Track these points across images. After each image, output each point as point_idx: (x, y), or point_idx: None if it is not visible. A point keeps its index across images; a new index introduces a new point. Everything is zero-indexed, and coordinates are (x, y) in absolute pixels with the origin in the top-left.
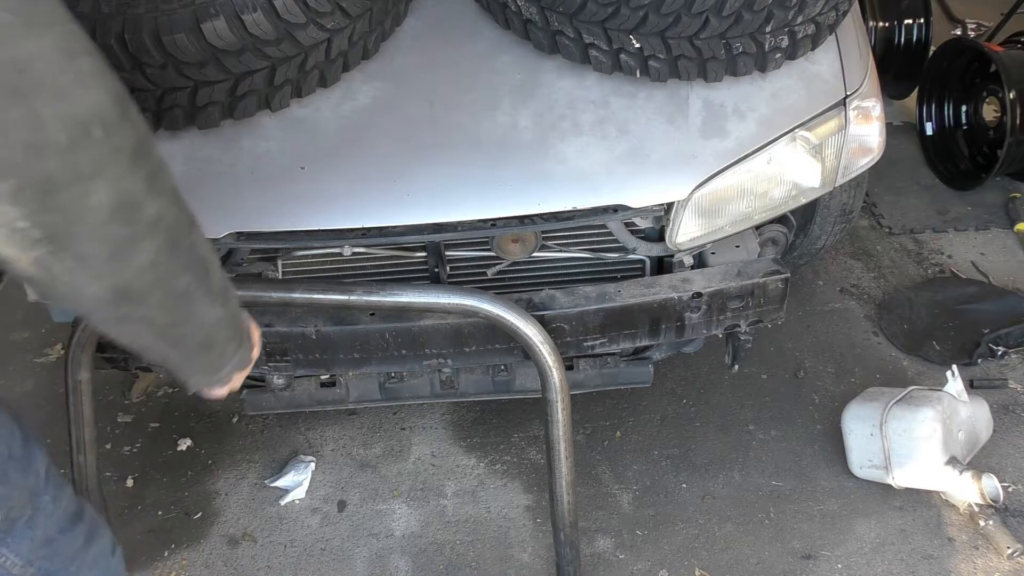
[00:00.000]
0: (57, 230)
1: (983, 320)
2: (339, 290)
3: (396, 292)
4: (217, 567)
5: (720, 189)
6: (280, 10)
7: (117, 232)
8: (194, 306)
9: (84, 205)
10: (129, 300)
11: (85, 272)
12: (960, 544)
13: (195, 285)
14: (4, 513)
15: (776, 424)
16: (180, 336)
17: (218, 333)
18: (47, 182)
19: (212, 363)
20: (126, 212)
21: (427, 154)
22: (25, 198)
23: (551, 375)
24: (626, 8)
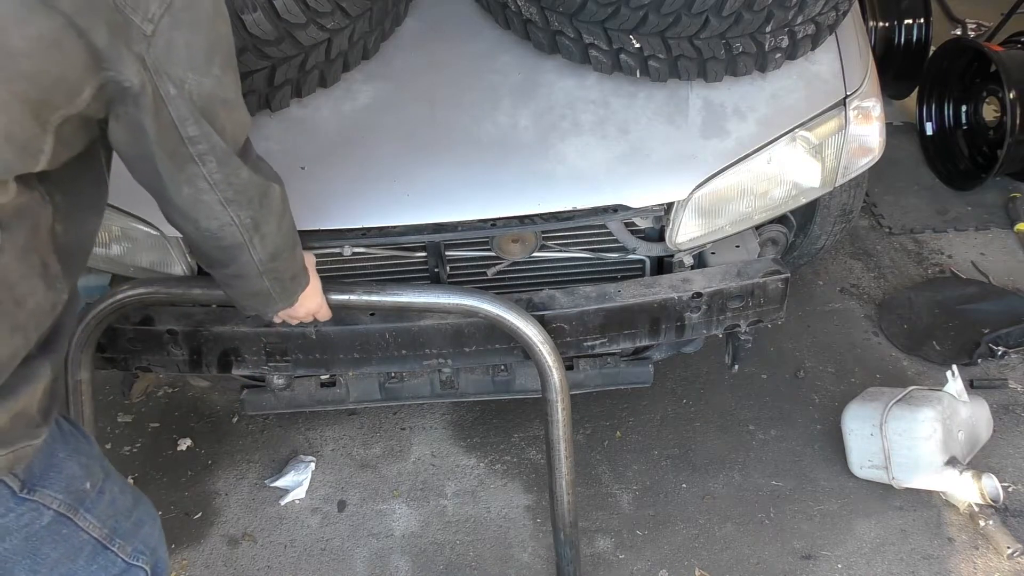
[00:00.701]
0: (260, 219)
1: (983, 320)
2: (339, 290)
3: (396, 292)
4: (217, 567)
5: (720, 189)
6: (280, 10)
7: (280, 209)
8: (296, 250)
9: (274, 196)
10: (275, 259)
11: (263, 242)
12: (960, 544)
13: (295, 232)
14: (91, 481)
15: (776, 424)
16: (283, 274)
17: (298, 264)
18: (267, 188)
19: (294, 289)
20: (283, 195)
21: (427, 154)
22: (255, 203)
23: (551, 375)
24: (626, 8)
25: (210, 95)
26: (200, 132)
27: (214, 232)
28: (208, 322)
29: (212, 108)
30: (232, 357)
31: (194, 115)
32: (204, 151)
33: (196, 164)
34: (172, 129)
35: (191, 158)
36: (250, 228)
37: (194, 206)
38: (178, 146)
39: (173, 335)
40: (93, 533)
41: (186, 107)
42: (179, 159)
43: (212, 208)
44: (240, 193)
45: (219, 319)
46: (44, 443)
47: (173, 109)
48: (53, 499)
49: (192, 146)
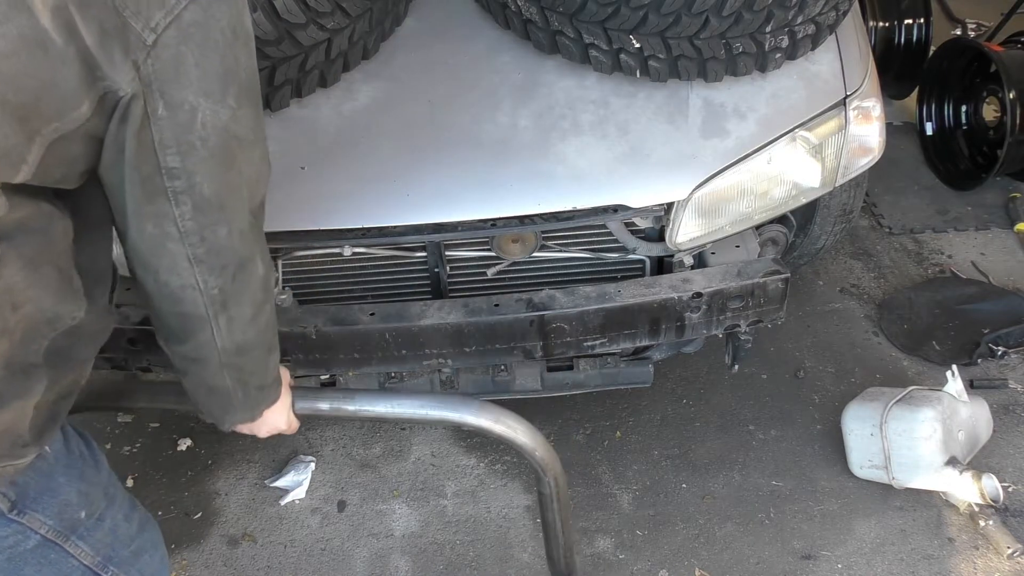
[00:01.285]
0: (230, 296)
1: (983, 320)
2: (306, 400)
3: (369, 401)
4: (217, 567)
5: (720, 189)
6: (280, 10)
7: (260, 298)
8: (271, 355)
9: (254, 276)
10: (242, 354)
11: (230, 325)
12: (960, 544)
13: (275, 336)
14: (87, 510)
15: (776, 424)
16: (249, 381)
17: (269, 375)
18: (247, 261)
19: (257, 401)
20: (266, 281)
21: (427, 154)
22: (227, 273)
23: (546, 476)
24: (626, 8)
25: (225, 128)
26: (182, 166)
27: (173, 291)
28: None
29: (225, 144)
30: None
31: (180, 145)
32: (180, 189)
33: (168, 202)
34: (151, 153)
35: (164, 192)
36: (216, 301)
37: (156, 251)
38: (153, 174)
39: None
40: (84, 560)
41: (172, 133)
42: (150, 189)
43: (176, 261)
44: (213, 254)
45: None
46: (43, 465)
47: (156, 131)
48: (42, 524)
49: (169, 179)
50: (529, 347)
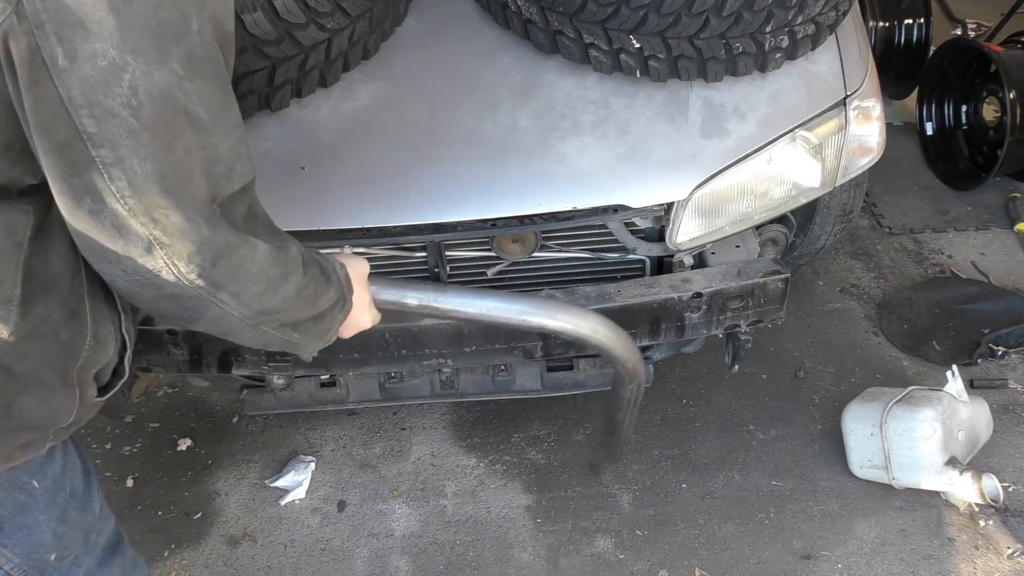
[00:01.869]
0: (219, 280)
1: (983, 320)
2: (390, 292)
3: (462, 299)
4: (217, 567)
5: (720, 189)
6: (280, 10)
7: (271, 274)
8: (317, 299)
9: (248, 259)
10: (269, 314)
11: (237, 302)
12: (960, 544)
13: (318, 285)
14: (59, 552)
15: (776, 424)
16: (300, 322)
17: (327, 304)
18: (225, 247)
19: (323, 329)
20: (276, 258)
21: (427, 154)
22: (199, 261)
23: (632, 381)
24: (626, 8)
25: (164, 97)
26: (99, 132)
27: (148, 279)
28: None
29: (166, 118)
30: (232, 357)
31: (93, 107)
32: (109, 160)
33: (100, 174)
34: (60, 113)
35: (92, 163)
36: (202, 287)
37: (106, 233)
38: (72, 140)
39: (173, 335)
40: None
41: (81, 90)
42: (72, 158)
43: (132, 243)
44: (175, 239)
45: None
46: (24, 499)
47: (61, 86)
48: (8, 560)
49: (93, 147)
50: (529, 347)
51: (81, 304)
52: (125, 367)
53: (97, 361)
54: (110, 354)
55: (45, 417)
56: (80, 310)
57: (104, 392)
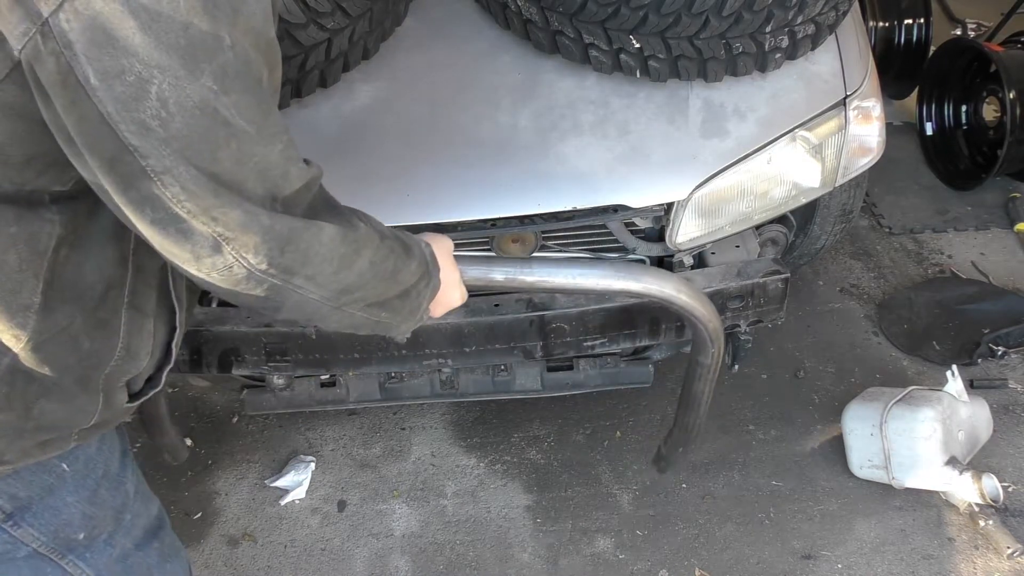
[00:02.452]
0: (290, 266)
1: (983, 320)
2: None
3: (548, 271)
4: (217, 567)
5: (720, 189)
6: (280, 10)
7: (342, 251)
8: (398, 274)
9: (316, 240)
10: (349, 293)
11: (313, 285)
12: (960, 544)
13: (397, 259)
14: (87, 532)
15: (776, 424)
16: (387, 300)
17: (412, 278)
18: (290, 233)
19: (413, 307)
20: (345, 236)
21: (427, 154)
22: (266, 250)
23: (711, 347)
24: (626, 8)
25: (200, 109)
26: (142, 145)
27: (223, 275)
28: (208, 322)
29: (202, 130)
30: (232, 357)
31: (130, 123)
32: (159, 169)
33: (153, 182)
34: (104, 128)
35: (144, 172)
36: (274, 275)
37: (175, 238)
38: (120, 153)
39: None
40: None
41: (115, 107)
42: (125, 171)
43: (200, 244)
44: (239, 231)
45: (219, 319)
46: (53, 481)
47: (99, 104)
48: (35, 539)
49: (141, 158)
50: (529, 347)
51: (115, 316)
52: (161, 379)
53: (127, 371)
54: (143, 366)
55: (67, 420)
56: (112, 322)
57: (135, 399)
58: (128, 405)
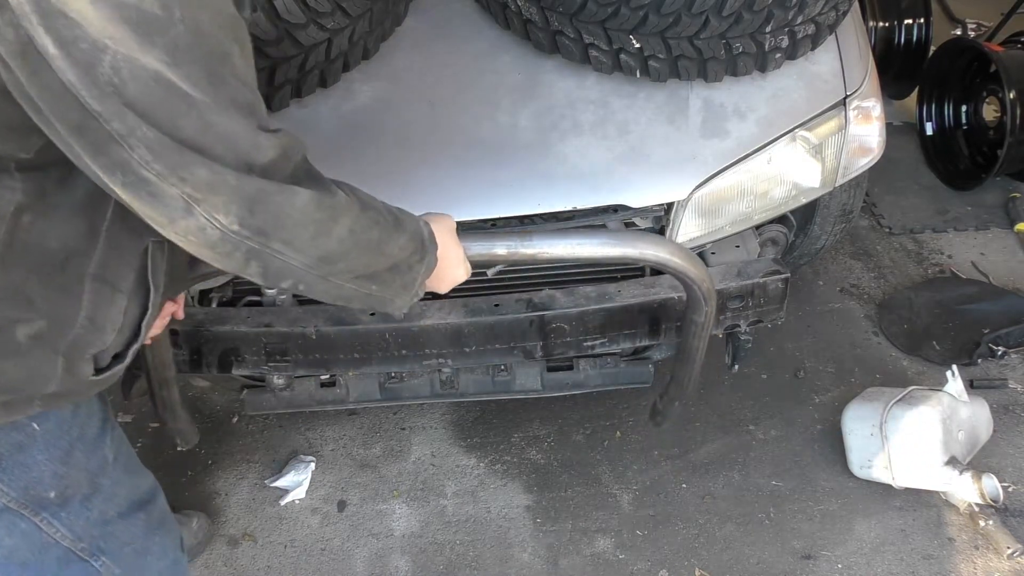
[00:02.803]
0: (263, 228)
1: (983, 320)
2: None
3: (546, 241)
4: (217, 567)
5: (720, 189)
6: (280, 10)
7: (318, 217)
8: (384, 247)
9: (287, 205)
10: (332, 262)
11: (292, 250)
12: (960, 544)
13: (381, 231)
14: (59, 490)
15: (776, 424)
16: (375, 272)
17: (403, 253)
18: (258, 193)
19: (405, 281)
20: (320, 203)
21: (427, 154)
22: (236, 209)
23: (706, 306)
24: (626, 8)
25: (155, 81)
26: (104, 109)
27: (199, 236)
28: (208, 322)
29: (157, 100)
30: (232, 357)
31: (90, 88)
32: (123, 132)
33: (121, 146)
34: (67, 98)
35: (111, 137)
36: (247, 236)
37: (148, 200)
38: (86, 119)
39: (173, 335)
40: (63, 542)
41: (75, 75)
42: (93, 138)
43: (172, 205)
44: (207, 191)
45: (219, 319)
46: (23, 439)
47: (60, 73)
48: (4, 494)
49: (105, 122)
50: (529, 347)
51: (76, 284)
52: (127, 355)
53: (92, 343)
54: (109, 340)
55: (25, 382)
56: (73, 289)
57: (101, 373)
58: (94, 379)
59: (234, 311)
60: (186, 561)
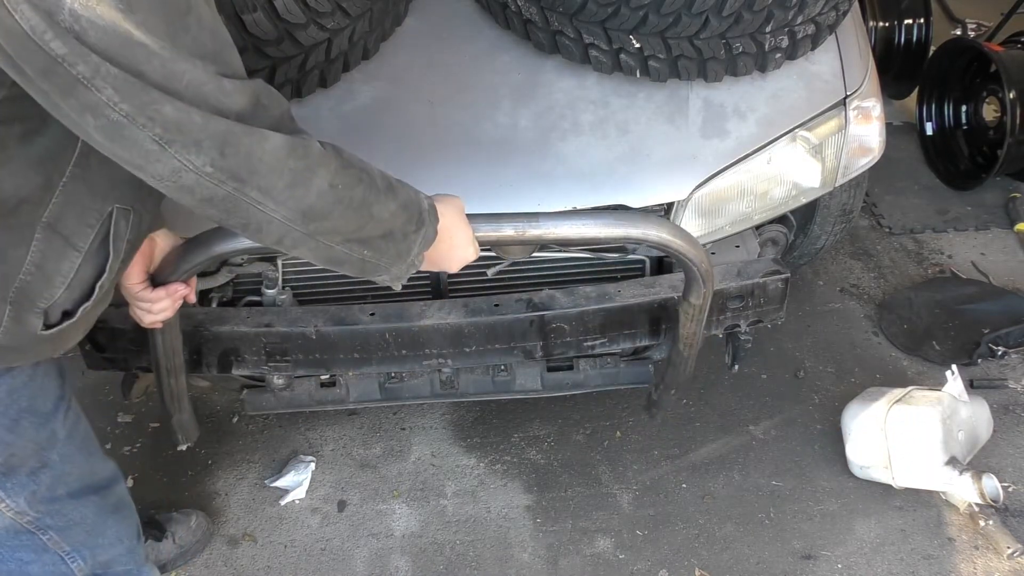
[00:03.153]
0: (235, 171)
1: (983, 320)
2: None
3: (553, 224)
4: (217, 567)
5: (720, 189)
6: (280, 10)
7: (293, 165)
8: (371, 208)
9: (258, 148)
10: (315, 218)
11: (270, 200)
12: (960, 544)
13: (367, 190)
14: (4, 458)
15: (776, 424)
16: (366, 236)
17: (396, 221)
18: (227, 134)
19: (400, 250)
20: (293, 150)
21: (427, 154)
22: (207, 149)
23: (704, 287)
24: (626, 8)
25: (113, 25)
26: (70, 51)
27: (174, 181)
28: (208, 322)
29: (117, 46)
30: (232, 357)
31: (54, 29)
32: (87, 74)
33: (88, 89)
34: (30, 44)
35: (77, 80)
36: (220, 179)
37: (121, 144)
38: (52, 64)
39: None
40: (7, 512)
41: (38, 21)
42: (60, 82)
43: (145, 147)
44: (174, 132)
45: (219, 319)
46: None
47: (21, 19)
48: None
49: (70, 66)
50: (529, 347)
51: (26, 229)
52: (76, 313)
53: (39, 293)
54: (58, 293)
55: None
56: (22, 232)
57: (49, 329)
58: (43, 333)
59: (234, 311)
60: (143, 552)
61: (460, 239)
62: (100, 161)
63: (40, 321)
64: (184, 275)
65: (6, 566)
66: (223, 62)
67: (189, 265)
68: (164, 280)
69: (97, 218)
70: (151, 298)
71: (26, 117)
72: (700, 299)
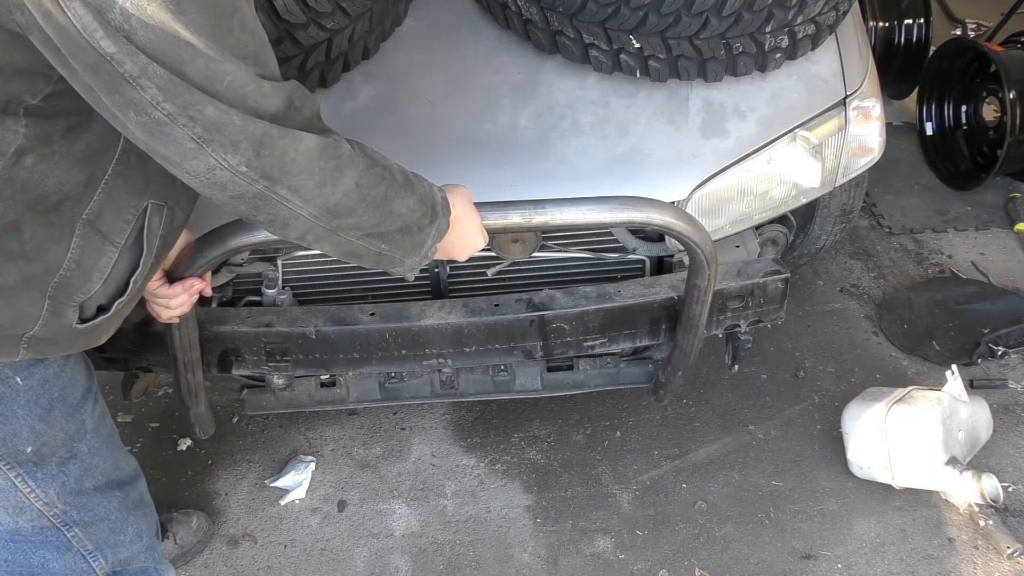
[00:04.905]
0: (268, 170)
1: (983, 320)
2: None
3: (558, 209)
4: (217, 567)
5: (720, 189)
6: (280, 10)
7: (323, 166)
8: (392, 204)
9: (292, 149)
10: (339, 215)
11: (299, 198)
12: (960, 544)
13: (388, 187)
14: (36, 447)
15: (776, 424)
16: (385, 231)
17: (413, 215)
18: (263, 136)
19: (415, 242)
20: (324, 150)
21: (427, 154)
22: (243, 150)
23: (708, 269)
24: (626, 8)
25: (161, 25)
26: (119, 50)
27: (208, 178)
28: (208, 322)
29: (164, 47)
30: (232, 357)
31: (104, 28)
32: (135, 73)
33: (132, 87)
34: (80, 39)
35: (122, 79)
36: (253, 178)
37: (160, 140)
38: (100, 63)
39: None
40: (36, 504)
41: (90, 18)
42: (106, 79)
43: (183, 145)
44: (213, 132)
45: (219, 319)
46: (5, 391)
47: (73, 16)
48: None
49: (118, 65)
50: (529, 347)
51: (67, 225)
52: (111, 307)
53: (77, 288)
54: (95, 289)
55: (11, 321)
56: (63, 228)
57: (85, 323)
58: (78, 327)
59: (234, 311)
60: (161, 548)
61: (470, 228)
62: (139, 157)
63: (76, 315)
64: (199, 270)
65: (28, 564)
66: (262, 63)
67: (204, 260)
68: (180, 276)
69: (133, 214)
70: (168, 294)
71: (71, 112)
72: (705, 280)
